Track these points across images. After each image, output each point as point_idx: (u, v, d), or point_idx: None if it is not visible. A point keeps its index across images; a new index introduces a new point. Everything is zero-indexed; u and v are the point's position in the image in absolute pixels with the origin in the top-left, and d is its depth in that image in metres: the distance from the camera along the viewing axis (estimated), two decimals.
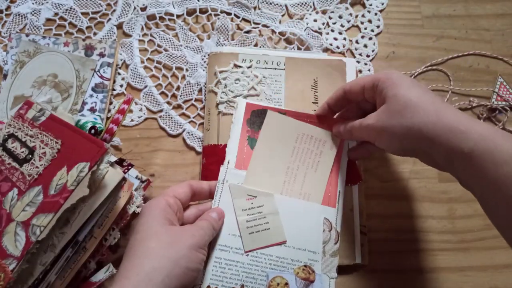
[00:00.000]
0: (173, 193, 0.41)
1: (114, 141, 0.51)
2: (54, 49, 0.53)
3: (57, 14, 0.56)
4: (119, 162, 0.43)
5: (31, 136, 0.39)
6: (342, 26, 0.58)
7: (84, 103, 0.51)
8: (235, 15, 0.57)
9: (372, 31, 0.58)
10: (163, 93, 0.54)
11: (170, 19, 0.57)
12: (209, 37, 0.56)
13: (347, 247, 0.46)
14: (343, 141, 0.47)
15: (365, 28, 0.58)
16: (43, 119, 0.40)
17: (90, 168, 0.35)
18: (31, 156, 0.38)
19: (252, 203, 0.44)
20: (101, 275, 0.42)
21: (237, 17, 0.57)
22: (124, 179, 0.39)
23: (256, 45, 0.56)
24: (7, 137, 0.41)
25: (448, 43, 0.58)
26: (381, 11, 0.59)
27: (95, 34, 0.56)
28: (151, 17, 0.57)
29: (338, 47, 0.56)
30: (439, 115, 0.34)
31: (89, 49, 0.54)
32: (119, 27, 0.56)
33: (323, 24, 0.58)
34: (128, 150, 0.51)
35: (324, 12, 0.58)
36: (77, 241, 0.38)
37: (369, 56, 0.57)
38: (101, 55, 0.53)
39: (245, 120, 0.47)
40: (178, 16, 0.57)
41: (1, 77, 0.53)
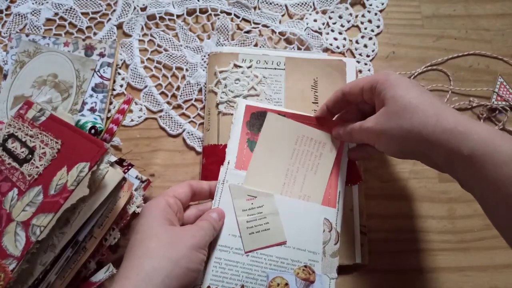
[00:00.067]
0: (173, 193, 0.41)
1: (114, 141, 0.51)
2: (54, 49, 0.53)
3: (57, 14, 0.56)
4: (119, 162, 0.43)
5: (31, 136, 0.39)
6: (342, 26, 0.58)
7: (84, 103, 0.51)
8: (235, 15, 0.57)
9: (372, 31, 0.58)
10: (163, 93, 0.54)
11: (170, 19, 0.57)
12: (209, 37, 0.56)
13: (347, 247, 0.46)
14: (343, 142, 0.47)
15: (365, 28, 0.58)
16: (43, 119, 0.40)
17: (90, 168, 0.35)
18: (31, 156, 0.38)
19: (252, 204, 0.44)
20: (101, 275, 0.42)
21: (237, 17, 0.57)
22: (124, 179, 0.39)
23: (256, 45, 0.56)
24: (7, 137, 0.41)
25: (448, 43, 0.58)
26: (381, 11, 0.59)
27: (95, 34, 0.56)
28: (151, 17, 0.57)
29: (338, 47, 0.56)
30: (439, 117, 0.34)
31: (89, 49, 0.54)
32: (119, 27, 0.56)
33: (323, 24, 0.58)
34: (128, 150, 0.51)
35: (324, 12, 0.58)
36: (77, 241, 0.38)
37: (369, 56, 0.57)
38: (101, 55, 0.53)
39: (244, 122, 0.47)
40: (178, 16, 0.57)
41: (1, 77, 0.53)
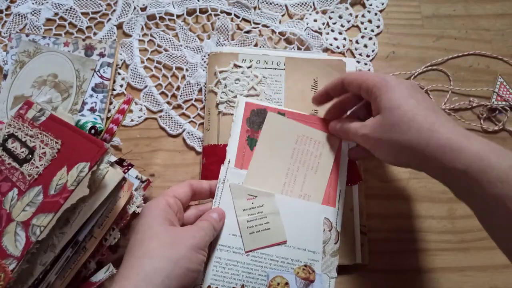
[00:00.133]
0: (173, 193, 0.41)
1: (114, 141, 0.51)
2: (54, 49, 0.53)
3: (57, 14, 0.56)
4: (119, 162, 0.43)
5: (31, 136, 0.39)
6: (342, 26, 0.58)
7: (84, 103, 0.51)
8: (235, 15, 0.57)
9: (372, 31, 0.58)
10: (163, 93, 0.54)
11: (170, 19, 0.57)
12: (209, 37, 0.56)
13: (347, 247, 0.46)
14: (342, 142, 0.47)
15: (365, 28, 0.58)
16: (43, 119, 0.40)
17: (90, 168, 0.35)
18: (31, 156, 0.38)
19: (252, 203, 0.44)
20: (101, 275, 0.42)
21: (237, 17, 0.57)
22: (124, 179, 0.39)
23: (256, 45, 0.56)
24: (7, 137, 0.41)
25: (448, 43, 0.58)
26: (381, 11, 0.59)
27: (95, 34, 0.56)
28: (151, 17, 0.57)
29: (338, 47, 0.56)
30: (433, 132, 0.34)
31: (89, 49, 0.54)
32: (119, 27, 0.56)
33: (323, 24, 0.58)
34: (128, 150, 0.51)
35: (324, 12, 0.58)
36: (77, 241, 0.38)
37: (369, 56, 0.57)
38: (101, 55, 0.53)
39: (244, 119, 0.47)
40: (178, 16, 0.57)
41: (1, 77, 0.53)
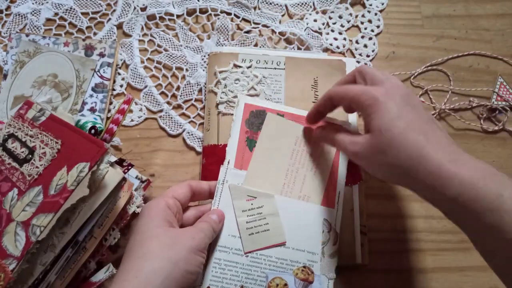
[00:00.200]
0: (172, 194, 0.40)
1: (114, 141, 0.51)
2: (54, 49, 0.53)
3: (57, 14, 0.56)
4: (119, 162, 0.43)
5: (31, 136, 0.39)
6: (342, 26, 0.58)
7: (84, 103, 0.51)
8: (235, 15, 0.57)
9: (372, 31, 0.58)
10: (163, 93, 0.54)
11: (170, 19, 0.57)
12: (209, 37, 0.56)
13: (347, 247, 0.46)
14: None
15: (365, 28, 0.58)
16: (43, 119, 0.40)
17: (90, 168, 0.35)
18: (31, 156, 0.38)
19: (252, 204, 0.44)
20: (101, 275, 0.42)
21: (237, 17, 0.57)
22: (124, 179, 0.39)
23: (256, 45, 0.56)
24: (7, 137, 0.41)
25: (448, 43, 0.58)
26: (381, 11, 0.59)
27: (95, 34, 0.56)
28: (151, 17, 0.57)
29: (338, 47, 0.56)
30: (422, 159, 0.33)
31: (89, 49, 0.54)
32: (119, 27, 0.56)
33: (323, 24, 0.58)
34: (128, 150, 0.51)
35: (324, 12, 0.58)
36: (77, 241, 0.38)
37: (369, 56, 0.57)
38: (101, 55, 0.53)
39: (243, 120, 0.47)
40: (178, 16, 0.57)
41: (1, 77, 0.53)
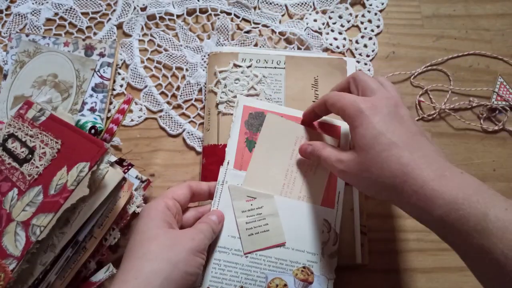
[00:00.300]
0: (172, 195, 0.40)
1: (114, 141, 0.51)
2: (54, 49, 0.53)
3: (57, 14, 0.56)
4: (119, 162, 0.43)
5: (31, 136, 0.39)
6: (342, 26, 0.58)
7: (84, 103, 0.51)
8: (235, 15, 0.57)
9: (372, 31, 0.58)
10: (163, 93, 0.54)
11: (170, 19, 0.57)
12: (209, 37, 0.56)
13: (347, 247, 0.46)
14: (341, 143, 0.47)
15: (365, 28, 0.58)
16: (43, 119, 0.40)
17: (90, 168, 0.35)
18: (31, 156, 0.38)
19: (251, 205, 0.44)
20: (101, 275, 0.42)
21: (237, 17, 0.57)
22: (124, 179, 0.39)
23: (256, 45, 0.56)
24: (7, 137, 0.41)
25: (448, 43, 0.58)
26: (381, 11, 0.59)
27: (95, 34, 0.56)
28: (151, 17, 0.57)
29: (338, 47, 0.56)
30: (406, 177, 0.32)
31: (89, 49, 0.54)
32: (119, 27, 0.56)
33: (323, 24, 0.58)
34: (128, 150, 0.51)
35: (324, 12, 0.58)
36: (77, 241, 0.38)
37: (369, 56, 0.57)
38: (101, 55, 0.53)
39: (243, 121, 0.47)
40: (178, 16, 0.57)
41: (1, 77, 0.53)
